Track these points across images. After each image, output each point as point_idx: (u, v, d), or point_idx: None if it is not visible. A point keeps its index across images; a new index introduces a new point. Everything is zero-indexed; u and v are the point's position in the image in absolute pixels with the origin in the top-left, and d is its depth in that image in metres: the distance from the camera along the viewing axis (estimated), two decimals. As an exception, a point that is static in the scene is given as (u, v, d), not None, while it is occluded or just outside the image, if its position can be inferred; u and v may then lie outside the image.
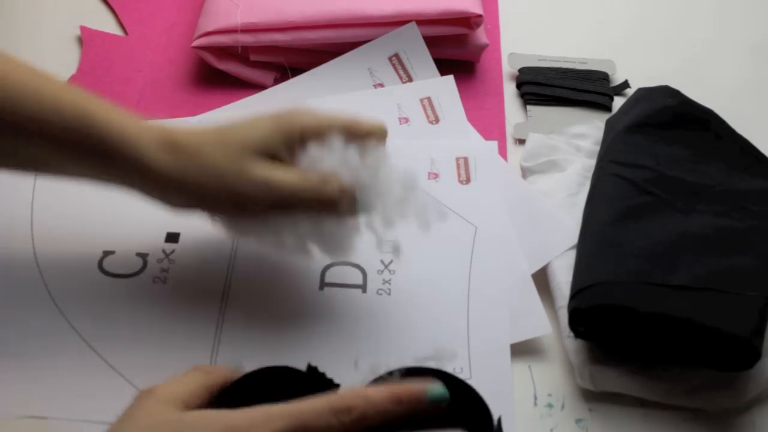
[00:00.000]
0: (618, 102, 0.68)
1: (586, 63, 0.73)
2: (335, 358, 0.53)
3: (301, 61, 0.71)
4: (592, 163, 0.63)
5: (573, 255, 0.57)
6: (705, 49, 0.76)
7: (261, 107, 0.52)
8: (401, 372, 0.50)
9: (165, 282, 0.57)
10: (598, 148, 0.63)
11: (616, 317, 0.51)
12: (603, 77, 0.72)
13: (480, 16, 0.69)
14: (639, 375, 0.53)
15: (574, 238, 0.58)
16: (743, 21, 0.79)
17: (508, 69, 0.73)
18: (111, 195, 0.52)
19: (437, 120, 0.68)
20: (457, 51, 0.72)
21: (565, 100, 0.70)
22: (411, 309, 0.56)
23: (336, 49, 0.71)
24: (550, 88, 0.71)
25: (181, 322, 0.55)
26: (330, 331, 0.55)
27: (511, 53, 0.74)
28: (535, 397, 0.54)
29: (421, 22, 0.70)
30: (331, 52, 0.71)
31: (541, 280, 0.58)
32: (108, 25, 0.77)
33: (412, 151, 0.64)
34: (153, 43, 0.75)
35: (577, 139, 0.66)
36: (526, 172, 0.65)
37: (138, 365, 0.53)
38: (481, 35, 0.71)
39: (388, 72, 0.70)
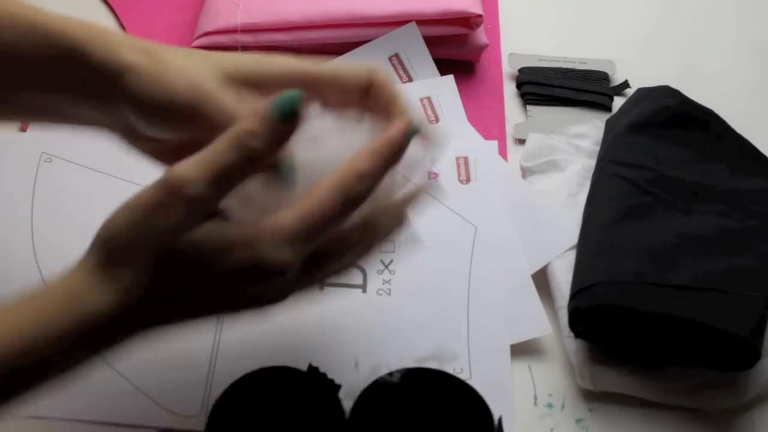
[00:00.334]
0: (618, 102, 0.68)
1: (586, 63, 0.73)
2: (335, 358, 0.53)
3: (301, 61, 0.71)
4: (592, 163, 0.62)
5: (573, 255, 0.57)
6: (705, 50, 0.76)
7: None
8: (401, 372, 0.51)
9: (165, 282, 0.57)
10: (598, 148, 0.63)
11: (616, 317, 0.51)
12: (603, 77, 0.72)
13: (480, 16, 0.69)
14: (639, 375, 0.53)
15: (574, 238, 0.58)
16: (743, 21, 0.79)
17: (508, 69, 0.73)
18: (111, 195, 0.52)
19: (437, 120, 0.67)
20: (457, 51, 0.72)
21: (565, 100, 0.70)
22: (411, 309, 0.56)
23: (336, 49, 0.71)
24: (550, 88, 0.71)
25: (181, 322, 0.55)
26: (330, 331, 0.55)
27: (511, 53, 0.74)
28: (535, 397, 0.54)
29: (421, 22, 0.70)
30: (331, 52, 0.71)
31: (541, 280, 0.58)
32: (108, 25, 0.77)
33: (411, 151, 0.64)
34: (153, 43, 0.75)
35: (577, 139, 0.66)
36: (526, 172, 0.64)
37: (138, 365, 0.53)
38: (481, 35, 0.71)
39: (388, 72, 0.70)
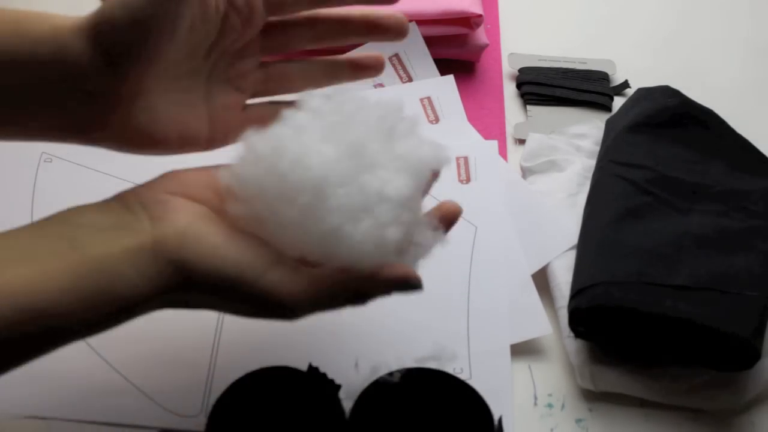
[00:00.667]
0: (618, 102, 0.68)
1: (586, 63, 0.73)
2: (335, 359, 0.53)
3: (301, 61, 0.71)
4: (592, 163, 0.62)
5: (573, 255, 0.57)
6: (705, 49, 0.76)
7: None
8: (401, 372, 0.51)
9: (165, 282, 0.57)
10: (598, 148, 0.63)
11: (616, 317, 0.51)
12: (603, 77, 0.72)
13: (480, 16, 0.69)
14: (639, 375, 0.53)
15: (574, 238, 0.58)
16: (743, 21, 0.79)
17: (508, 69, 0.73)
18: (111, 195, 0.52)
19: (437, 120, 0.67)
20: (457, 51, 0.72)
21: (565, 100, 0.70)
22: (411, 309, 0.56)
23: (336, 49, 0.71)
24: (550, 88, 0.71)
25: (181, 322, 0.55)
26: (330, 331, 0.55)
27: (511, 53, 0.74)
28: (535, 397, 0.54)
29: (421, 22, 0.70)
30: (332, 52, 0.71)
31: (541, 280, 0.58)
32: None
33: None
34: (153, 42, 0.75)
35: (577, 139, 0.66)
36: (526, 172, 0.64)
37: (138, 365, 0.53)
38: (481, 35, 0.71)
39: (388, 72, 0.70)
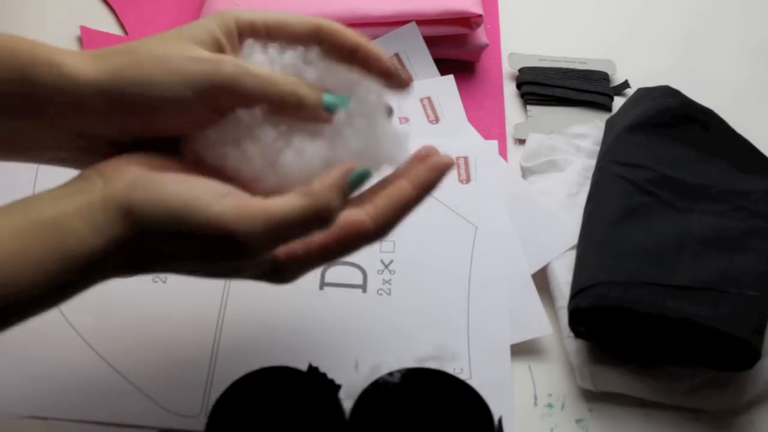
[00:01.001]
0: (618, 102, 0.68)
1: (586, 63, 0.73)
2: (335, 359, 0.53)
3: (301, 61, 0.71)
4: (592, 163, 0.62)
5: (573, 255, 0.57)
6: (705, 49, 0.76)
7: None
8: (401, 372, 0.51)
9: (165, 282, 0.57)
10: (598, 148, 0.63)
11: (616, 317, 0.51)
12: (603, 77, 0.72)
13: (480, 16, 0.69)
14: (639, 375, 0.53)
15: (574, 238, 0.58)
16: (743, 21, 0.79)
17: (508, 69, 0.73)
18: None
19: (437, 120, 0.67)
20: (457, 51, 0.72)
21: (565, 100, 0.70)
22: (411, 309, 0.56)
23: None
24: (550, 88, 0.71)
25: (181, 322, 0.55)
26: (330, 331, 0.55)
27: (511, 53, 0.74)
28: (535, 397, 0.54)
29: (421, 22, 0.70)
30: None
31: (541, 280, 0.58)
32: (108, 25, 0.77)
33: (412, 150, 0.64)
34: (153, 42, 0.75)
35: (577, 139, 0.66)
36: (526, 172, 0.64)
37: (138, 365, 0.53)
38: (481, 35, 0.71)
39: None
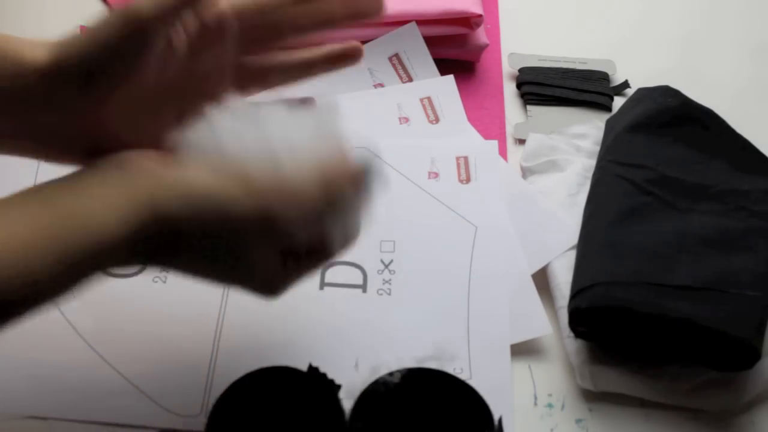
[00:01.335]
0: (618, 102, 0.68)
1: (586, 63, 0.73)
2: (335, 359, 0.53)
3: (301, 61, 0.71)
4: (592, 163, 0.62)
5: (573, 255, 0.57)
6: (705, 49, 0.76)
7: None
8: (401, 372, 0.51)
9: (165, 282, 0.57)
10: (598, 149, 0.63)
11: (616, 317, 0.51)
12: (603, 77, 0.72)
13: (480, 16, 0.69)
14: (639, 375, 0.53)
15: (574, 238, 0.58)
16: (743, 21, 0.79)
17: (508, 69, 0.73)
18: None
19: (437, 120, 0.67)
20: (457, 51, 0.72)
21: (565, 100, 0.70)
22: (411, 309, 0.56)
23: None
24: (550, 88, 0.71)
25: (181, 322, 0.55)
26: (330, 331, 0.55)
27: (511, 53, 0.74)
28: (535, 397, 0.54)
29: (421, 22, 0.70)
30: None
31: (541, 280, 0.58)
32: (108, 24, 0.77)
33: (412, 150, 0.64)
34: (153, 42, 0.75)
35: (577, 139, 0.66)
36: (526, 172, 0.64)
37: (138, 365, 0.53)
38: (481, 35, 0.71)
39: (388, 72, 0.70)
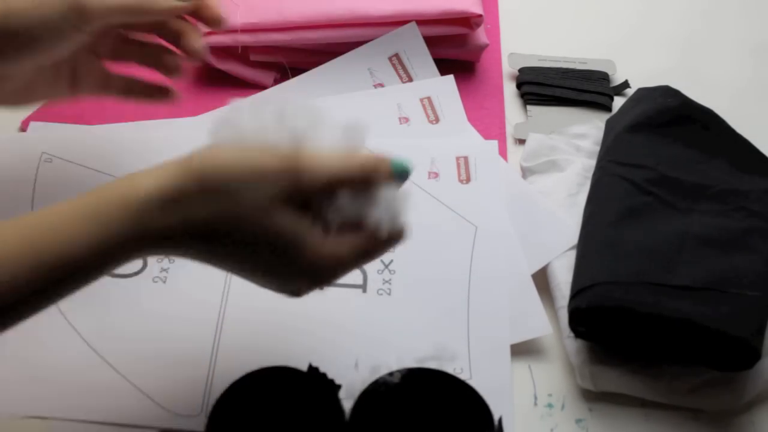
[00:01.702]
0: (618, 102, 0.68)
1: (586, 63, 0.73)
2: (336, 359, 0.53)
3: (301, 61, 0.71)
4: (592, 163, 0.62)
5: (573, 255, 0.57)
6: (705, 50, 0.76)
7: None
8: (401, 372, 0.51)
9: (165, 282, 0.57)
10: (598, 148, 0.63)
11: (616, 317, 0.51)
12: (603, 77, 0.72)
13: (480, 16, 0.69)
14: (639, 375, 0.53)
15: (574, 238, 0.58)
16: (743, 21, 0.79)
17: (508, 69, 0.73)
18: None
19: (437, 120, 0.67)
20: (457, 51, 0.72)
21: (565, 100, 0.70)
22: (411, 309, 0.56)
23: (336, 49, 0.71)
24: (550, 88, 0.71)
25: (181, 322, 0.55)
26: (330, 331, 0.55)
27: (511, 53, 0.74)
28: (535, 397, 0.54)
29: (421, 22, 0.70)
30: (331, 52, 0.71)
31: (541, 280, 0.58)
32: (108, 24, 0.77)
33: (411, 150, 0.64)
34: (153, 42, 0.75)
35: (577, 139, 0.66)
36: (526, 172, 0.64)
37: (138, 365, 0.53)
38: (481, 35, 0.71)
39: (388, 72, 0.70)
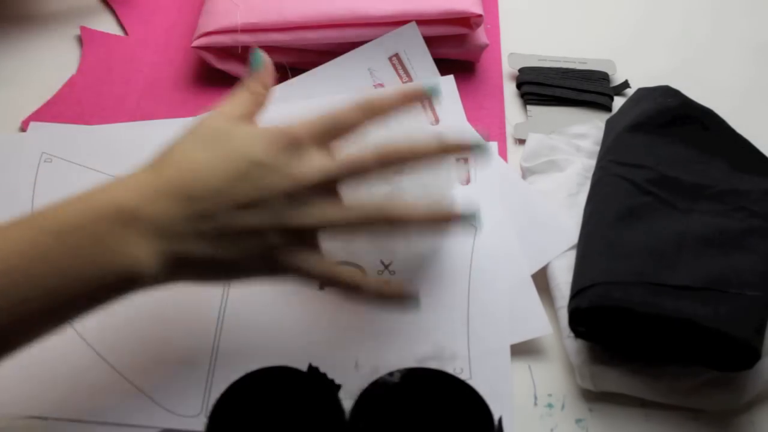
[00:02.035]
0: (618, 102, 0.68)
1: (586, 63, 0.73)
2: (336, 359, 0.53)
3: (301, 61, 0.71)
4: (592, 163, 0.63)
5: (573, 255, 0.57)
6: (705, 49, 0.76)
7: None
8: (402, 372, 0.51)
9: (165, 282, 0.57)
10: (598, 149, 0.63)
11: (616, 317, 0.51)
12: (603, 77, 0.72)
13: (480, 16, 0.69)
14: (639, 375, 0.53)
15: (574, 238, 0.58)
16: (743, 21, 0.79)
17: (508, 69, 0.73)
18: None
19: (437, 120, 0.67)
20: (457, 51, 0.72)
21: (565, 100, 0.70)
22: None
23: (336, 49, 0.71)
24: (550, 88, 0.71)
25: (181, 322, 0.55)
26: (330, 331, 0.55)
27: (511, 53, 0.74)
28: (535, 397, 0.54)
29: (421, 22, 0.70)
30: (331, 52, 0.71)
31: (541, 280, 0.58)
32: (108, 25, 0.77)
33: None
34: (153, 43, 0.75)
35: (577, 139, 0.66)
36: (526, 172, 0.64)
37: (138, 365, 0.53)
38: (481, 35, 0.71)
39: (388, 72, 0.70)
